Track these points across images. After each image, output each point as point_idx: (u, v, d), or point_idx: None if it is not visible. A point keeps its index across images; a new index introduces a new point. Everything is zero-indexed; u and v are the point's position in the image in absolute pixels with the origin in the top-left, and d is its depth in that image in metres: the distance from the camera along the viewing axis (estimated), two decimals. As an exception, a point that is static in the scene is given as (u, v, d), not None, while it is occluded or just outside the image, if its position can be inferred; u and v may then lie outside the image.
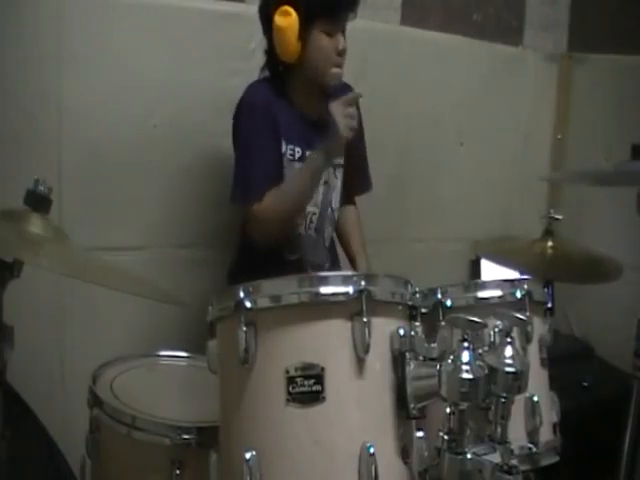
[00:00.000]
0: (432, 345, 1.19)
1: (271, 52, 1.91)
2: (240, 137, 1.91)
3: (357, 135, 2.08)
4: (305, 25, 1.81)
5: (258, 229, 1.87)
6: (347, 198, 2.14)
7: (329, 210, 2.03)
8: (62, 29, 1.99)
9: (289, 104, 1.93)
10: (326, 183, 1.99)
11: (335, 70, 1.89)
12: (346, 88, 1.99)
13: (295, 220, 1.93)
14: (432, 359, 1.18)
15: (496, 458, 1.16)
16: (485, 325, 1.18)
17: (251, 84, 1.93)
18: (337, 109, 1.77)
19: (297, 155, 1.92)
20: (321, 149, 1.83)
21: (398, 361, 1.18)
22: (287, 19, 1.80)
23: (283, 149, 1.91)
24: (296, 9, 1.80)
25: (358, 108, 2.05)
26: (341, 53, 1.87)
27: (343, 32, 1.88)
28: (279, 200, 1.83)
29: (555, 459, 1.46)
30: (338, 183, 2.04)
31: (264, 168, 1.86)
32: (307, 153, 1.93)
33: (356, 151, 2.08)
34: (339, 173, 2.03)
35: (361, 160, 2.12)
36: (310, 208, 1.97)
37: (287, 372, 1.13)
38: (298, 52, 1.84)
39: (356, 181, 2.12)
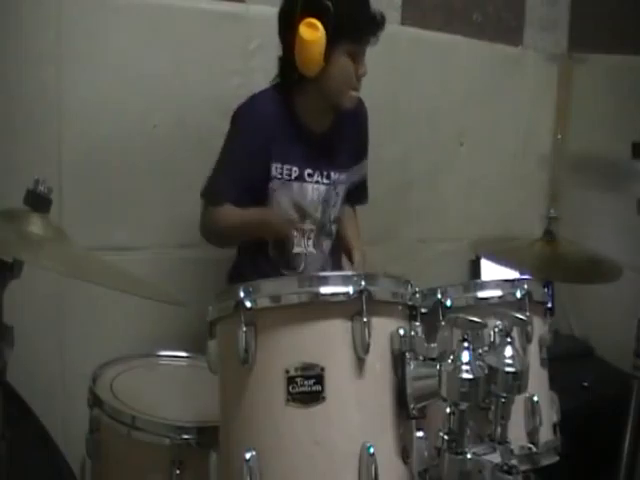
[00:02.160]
0: (432, 345, 1.19)
1: (286, 60, 1.85)
2: (228, 143, 1.87)
3: (362, 153, 2.08)
4: (331, 43, 1.76)
5: (204, 230, 1.91)
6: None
7: (328, 225, 2.01)
8: (62, 29, 1.99)
9: (293, 119, 1.89)
10: (325, 201, 1.97)
11: (352, 93, 1.86)
12: (360, 103, 1.98)
13: (233, 243, 1.98)
14: (432, 359, 1.18)
15: (496, 458, 1.16)
16: (485, 325, 1.18)
17: (255, 96, 1.89)
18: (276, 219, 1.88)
19: (294, 175, 1.90)
20: (277, 242, 1.89)
21: (398, 361, 1.18)
22: (314, 33, 1.74)
23: (276, 171, 1.87)
24: (324, 25, 1.74)
25: (366, 126, 2.07)
26: (360, 78, 1.85)
27: (364, 55, 1.85)
28: (230, 219, 1.85)
29: (555, 459, 1.46)
30: (339, 200, 2.01)
31: (239, 178, 1.84)
32: (306, 172, 1.91)
33: (360, 169, 2.07)
34: (340, 190, 2.00)
35: (362, 178, 2.11)
36: (308, 226, 1.95)
37: (287, 372, 1.13)
38: (320, 68, 1.79)
39: (354, 195, 2.10)
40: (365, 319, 1.14)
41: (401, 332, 1.19)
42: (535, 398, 1.42)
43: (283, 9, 1.84)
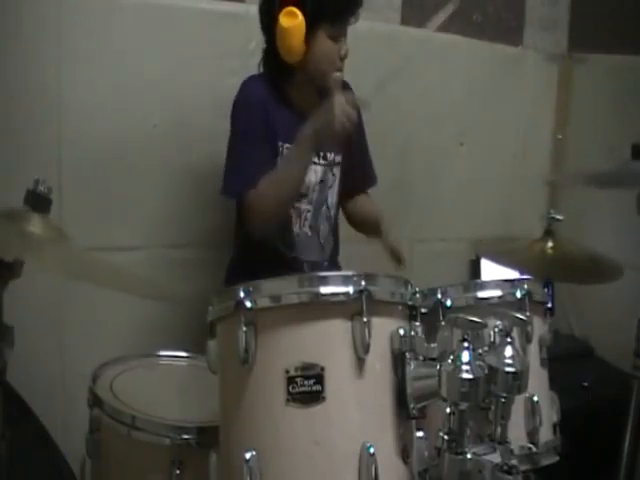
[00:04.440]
0: (432, 345, 1.19)
1: (270, 50, 1.89)
2: (236, 133, 1.89)
3: (358, 133, 2.08)
4: (311, 28, 1.80)
5: (254, 217, 1.84)
6: (356, 192, 2.13)
7: (324, 208, 2.02)
8: (62, 29, 1.99)
9: (286, 103, 1.92)
10: (322, 182, 1.98)
11: (337, 74, 1.86)
12: (345, 86, 1.99)
13: (289, 205, 1.91)
14: (432, 359, 1.18)
15: (496, 458, 1.16)
16: (485, 325, 1.18)
17: (246, 81, 1.92)
18: (339, 101, 1.73)
19: None
20: (309, 130, 1.78)
21: (398, 361, 1.18)
22: (293, 20, 1.78)
23: (280, 147, 1.89)
24: (302, 11, 1.78)
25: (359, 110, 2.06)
26: (343, 58, 1.87)
27: (345, 35, 1.87)
28: (272, 184, 1.80)
29: (555, 459, 1.46)
30: (335, 181, 2.03)
31: (258, 159, 1.85)
32: None
33: (357, 149, 2.07)
34: (336, 171, 2.02)
35: (363, 157, 2.11)
36: (304, 206, 1.96)
37: (287, 372, 1.13)
38: (302, 54, 1.82)
39: (360, 178, 2.11)
40: (365, 319, 1.14)
41: (401, 332, 1.19)
42: (535, 398, 1.42)
43: (263, 2, 1.88)
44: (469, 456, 1.15)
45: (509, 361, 1.18)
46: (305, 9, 1.78)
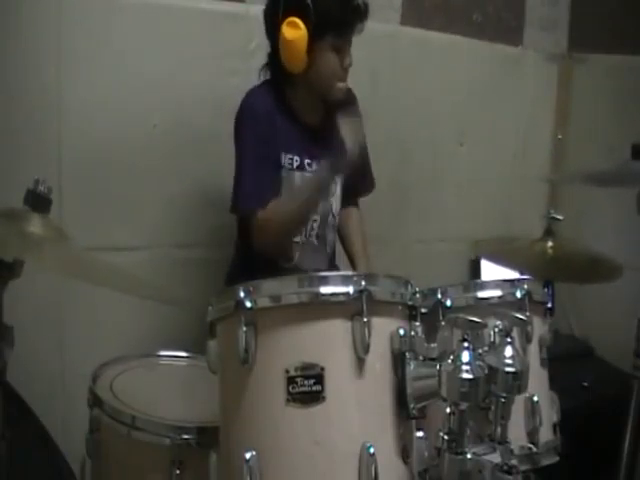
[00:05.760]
0: (432, 345, 1.19)
1: (274, 57, 1.88)
2: (243, 145, 1.88)
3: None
4: (314, 39, 1.79)
5: (260, 237, 1.84)
6: (350, 200, 2.13)
7: (330, 216, 2.02)
8: (62, 29, 1.99)
9: (289, 112, 1.91)
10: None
11: (340, 84, 1.88)
12: (348, 92, 1.99)
13: (296, 231, 1.92)
14: (432, 359, 1.18)
15: (496, 458, 1.16)
16: (485, 325, 1.18)
17: (251, 90, 1.91)
18: (346, 125, 1.74)
19: (295, 164, 1.91)
20: (327, 163, 1.80)
21: (398, 361, 1.18)
22: (296, 32, 1.77)
23: (282, 159, 1.89)
24: (306, 23, 1.76)
25: (358, 113, 2.06)
26: (347, 68, 1.87)
27: (349, 46, 1.86)
28: (283, 209, 1.81)
29: (555, 459, 1.46)
30: (338, 189, 2.02)
31: (267, 177, 1.85)
32: (306, 162, 1.92)
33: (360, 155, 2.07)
34: (338, 179, 2.01)
35: (364, 162, 2.11)
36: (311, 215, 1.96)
37: (287, 372, 1.13)
38: (305, 65, 1.82)
39: (360, 183, 2.11)
40: (365, 319, 1.14)
41: (401, 332, 1.19)
42: (535, 398, 1.42)
43: (267, 9, 1.87)
44: (469, 456, 1.15)
45: (509, 361, 1.18)
46: (309, 21, 1.76)
